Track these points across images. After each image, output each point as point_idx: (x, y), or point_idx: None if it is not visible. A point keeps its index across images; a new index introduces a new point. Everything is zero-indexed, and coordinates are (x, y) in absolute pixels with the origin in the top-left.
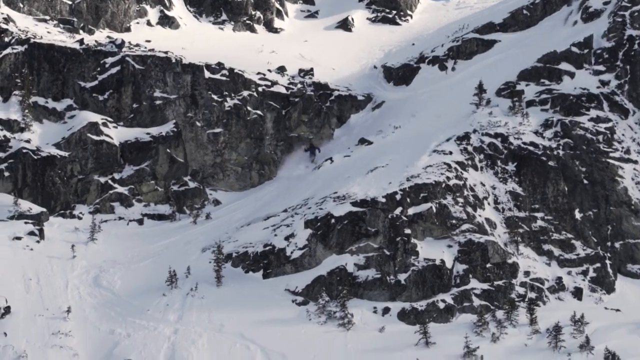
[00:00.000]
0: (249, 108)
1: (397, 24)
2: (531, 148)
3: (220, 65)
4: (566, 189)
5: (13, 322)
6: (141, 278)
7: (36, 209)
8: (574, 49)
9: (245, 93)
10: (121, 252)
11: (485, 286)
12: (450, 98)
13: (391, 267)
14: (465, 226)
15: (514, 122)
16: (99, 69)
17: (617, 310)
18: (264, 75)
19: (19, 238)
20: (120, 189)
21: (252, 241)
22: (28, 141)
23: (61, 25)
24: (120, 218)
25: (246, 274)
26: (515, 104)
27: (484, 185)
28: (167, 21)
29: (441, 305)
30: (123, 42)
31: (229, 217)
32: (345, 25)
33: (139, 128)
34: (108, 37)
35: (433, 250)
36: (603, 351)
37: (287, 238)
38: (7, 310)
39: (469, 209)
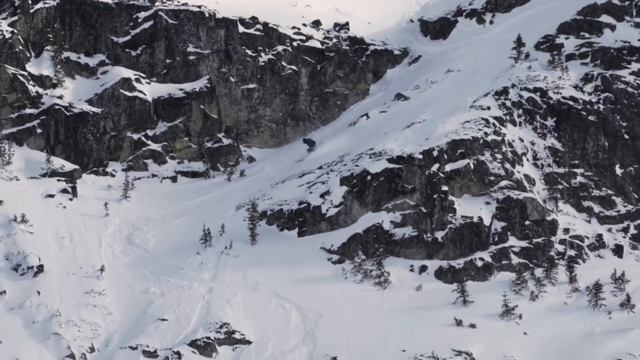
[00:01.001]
0: (283, 63)
1: None
2: (571, 103)
3: (254, 20)
4: (606, 144)
5: (46, 280)
6: (175, 236)
7: (69, 166)
8: (615, 1)
9: (280, 48)
10: (154, 210)
11: (524, 244)
12: (488, 52)
13: (428, 224)
14: (503, 183)
15: (553, 76)
16: (131, 23)
17: None
18: (299, 29)
19: (51, 196)
20: (153, 146)
21: (287, 199)
22: (60, 97)
23: None
24: (153, 175)
25: (281, 232)
26: (554, 58)
27: (522, 140)
28: None
29: (479, 263)
30: None
31: (264, 174)
32: None
33: (172, 84)
34: None
35: (471, 208)
36: None
37: (322, 195)
38: (40, 268)
39: (508, 165)
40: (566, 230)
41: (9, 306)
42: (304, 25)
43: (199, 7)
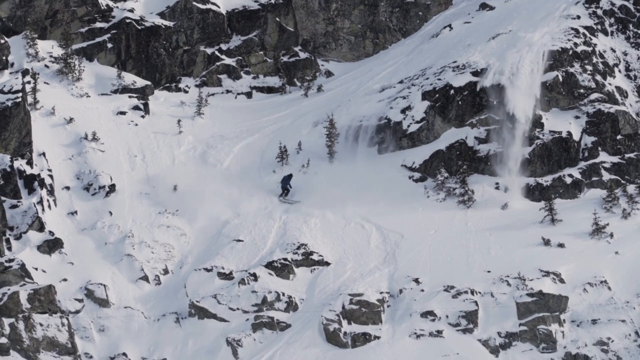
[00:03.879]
0: None
1: None
2: None
3: None
4: None
5: (118, 200)
6: (250, 154)
7: (140, 82)
8: None
9: None
10: (229, 127)
11: (616, 159)
12: None
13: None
14: (594, 95)
15: None
16: None
17: None
18: None
19: (123, 113)
20: (227, 61)
21: (366, 114)
22: (131, 10)
23: None
24: (227, 91)
25: (360, 150)
26: None
27: (614, 51)
28: None
29: (568, 180)
30: None
31: (342, 89)
32: None
33: None
34: None
35: (559, 122)
36: None
37: (403, 111)
38: (112, 188)
39: (598, 77)
40: None
41: (81, 227)
42: None
43: None
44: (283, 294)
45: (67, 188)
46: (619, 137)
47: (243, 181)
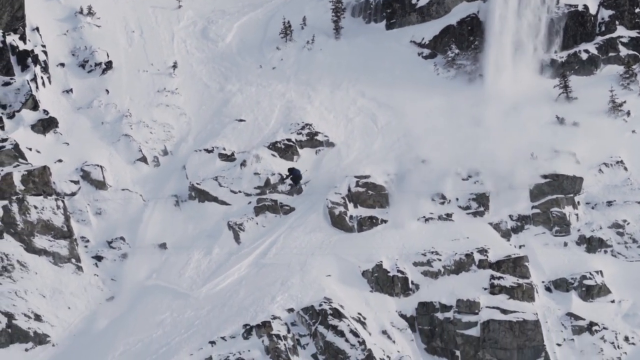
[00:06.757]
0: None
1: None
2: None
3: None
4: None
5: (115, 78)
6: (252, 30)
7: None
8: None
9: None
10: (230, 1)
11: (634, 33)
12: None
13: None
14: None
15: None
16: None
17: None
18: None
19: None
20: None
21: None
22: None
23: None
24: None
25: (367, 25)
26: None
27: None
28: None
29: (584, 55)
30: None
31: None
32: None
33: None
34: None
35: None
36: None
37: None
38: (109, 65)
39: None
40: None
41: (76, 105)
42: None
43: None
44: (287, 176)
45: (62, 65)
46: (637, 10)
47: (245, 58)
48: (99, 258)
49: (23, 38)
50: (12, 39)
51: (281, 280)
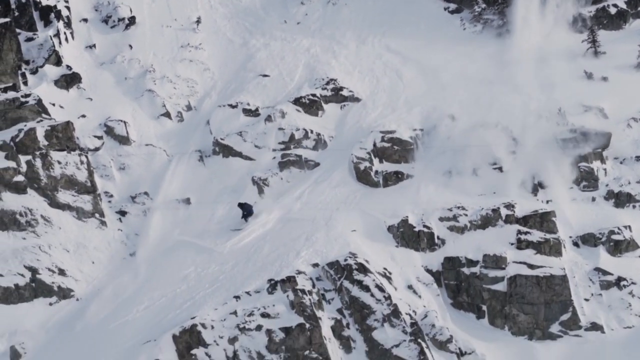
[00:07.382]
0: None
1: None
2: None
3: None
4: None
5: (139, 33)
6: None
7: None
8: None
9: None
10: None
11: None
12: None
13: None
14: None
15: None
16: None
17: None
18: None
19: None
20: None
21: None
22: None
23: None
24: None
25: None
26: None
27: None
28: None
29: (612, 10)
30: None
31: None
32: None
33: None
34: None
35: None
36: None
37: None
38: (132, 20)
39: None
40: None
41: (99, 61)
42: None
43: None
44: (311, 131)
45: (85, 20)
46: None
47: (269, 12)
48: (122, 213)
49: None
50: None
51: (306, 235)
